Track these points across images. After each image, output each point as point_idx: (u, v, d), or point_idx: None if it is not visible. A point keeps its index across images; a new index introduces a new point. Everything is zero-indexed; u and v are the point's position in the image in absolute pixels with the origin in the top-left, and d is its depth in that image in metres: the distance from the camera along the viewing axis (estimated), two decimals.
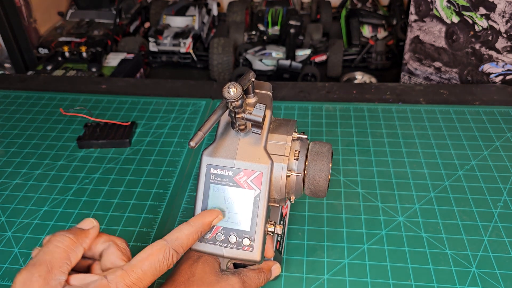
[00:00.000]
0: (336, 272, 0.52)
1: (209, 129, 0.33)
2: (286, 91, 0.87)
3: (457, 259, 0.53)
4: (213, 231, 0.38)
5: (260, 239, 0.38)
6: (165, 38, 1.65)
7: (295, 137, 0.40)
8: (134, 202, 0.63)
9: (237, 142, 0.38)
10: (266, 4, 1.88)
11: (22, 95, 0.88)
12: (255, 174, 0.38)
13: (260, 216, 0.38)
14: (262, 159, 0.38)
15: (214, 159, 0.38)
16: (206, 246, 0.39)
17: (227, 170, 0.38)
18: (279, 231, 0.40)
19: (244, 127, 0.37)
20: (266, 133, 0.39)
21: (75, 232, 0.35)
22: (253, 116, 0.35)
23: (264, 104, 0.35)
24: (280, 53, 1.58)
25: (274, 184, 0.39)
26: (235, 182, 0.38)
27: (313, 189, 0.40)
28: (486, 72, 1.06)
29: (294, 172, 0.39)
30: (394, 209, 0.60)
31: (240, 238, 0.38)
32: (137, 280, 0.33)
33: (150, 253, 0.34)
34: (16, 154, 0.73)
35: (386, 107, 0.80)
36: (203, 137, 0.32)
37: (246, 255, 0.38)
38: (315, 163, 0.40)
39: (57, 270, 0.32)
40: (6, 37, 1.36)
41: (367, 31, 1.70)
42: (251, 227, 0.38)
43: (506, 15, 0.97)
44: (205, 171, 0.38)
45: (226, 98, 0.32)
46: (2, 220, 0.61)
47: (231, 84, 0.32)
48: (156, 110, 0.82)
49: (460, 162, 0.67)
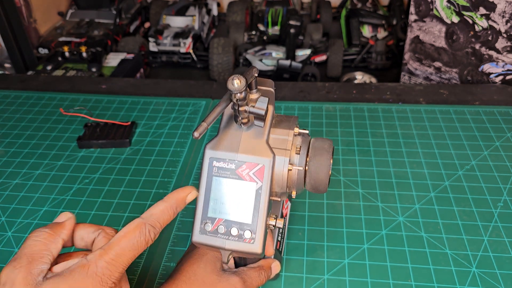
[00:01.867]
0: (336, 272, 0.52)
1: (213, 121, 0.33)
2: (286, 91, 0.87)
3: (457, 259, 0.53)
4: (215, 224, 0.39)
5: (261, 231, 0.38)
6: (165, 38, 1.65)
7: (297, 132, 0.41)
8: (134, 202, 0.63)
9: (239, 136, 0.39)
10: (266, 4, 1.88)
11: (22, 95, 0.88)
12: (257, 167, 0.38)
13: (262, 208, 0.38)
14: (264, 153, 0.38)
15: (217, 152, 0.39)
16: (207, 238, 0.39)
17: (230, 163, 0.38)
18: (280, 224, 0.40)
19: (246, 120, 0.38)
20: (268, 127, 0.39)
21: (51, 226, 0.36)
22: (256, 109, 0.35)
23: (267, 97, 0.36)
24: (280, 53, 1.58)
25: (276, 177, 0.39)
26: (237, 175, 0.38)
27: (314, 184, 0.41)
28: (486, 72, 1.06)
29: (296, 166, 0.40)
30: (394, 209, 0.60)
31: (242, 230, 0.38)
32: (115, 257, 0.34)
33: (127, 231, 0.35)
34: (16, 154, 0.73)
35: (386, 107, 0.80)
36: (207, 128, 0.33)
37: (248, 247, 0.38)
38: (317, 157, 0.40)
39: (37, 260, 0.33)
40: (6, 37, 1.36)
41: (367, 31, 1.70)
42: (253, 220, 0.38)
43: (506, 15, 0.97)
44: (208, 164, 0.39)
45: (230, 90, 0.33)
46: (2, 220, 0.61)
47: (235, 76, 0.33)
48: (156, 110, 0.82)
49: (460, 162, 0.67)
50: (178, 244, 0.57)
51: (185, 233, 0.58)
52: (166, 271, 0.53)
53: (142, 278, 0.52)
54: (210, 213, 0.39)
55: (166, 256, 0.55)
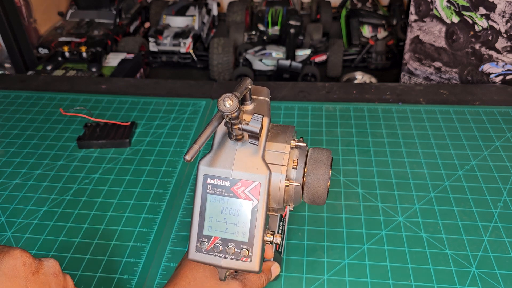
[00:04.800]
0: (336, 272, 0.52)
1: (204, 142, 0.32)
2: (286, 91, 0.87)
3: (457, 259, 0.53)
4: (211, 242, 0.38)
5: (258, 249, 0.38)
6: (165, 38, 1.65)
7: (294, 145, 0.40)
8: (134, 202, 0.63)
9: (234, 152, 0.38)
10: (266, 4, 1.88)
11: (22, 95, 0.88)
12: (252, 184, 0.37)
13: (258, 226, 0.37)
14: (260, 169, 0.37)
15: (211, 169, 0.38)
16: (204, 256, 0.38)
17: (224, 180, 0.37)
18: (278, 240, 0.39)
19: (241, 137, 0.37)
20: (263, 143, 0.38)
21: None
22: (250, 127, 0.34)
23: (261, 115, 0.34)
24: (280, 53, 1.58)
25: (273, 194, 0.39)
26: (232, 192, 0.37)
27: (312, 197, 0.40)
28: (486, 72, 1.06)
29: (293, 182, 0.39)
30: (394, 209, 0.60)
31: (238, 248, 0.38)
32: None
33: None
34: (16, 154, 0.73)
35: (386, 107, 0.80)
36: (198, 150, 0.32)
37: (245, 265, 0.38)
38: (314, 171, 0.39)
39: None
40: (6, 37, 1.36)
41: (367, 31, 1.70)
42: (249, 238, 0.37)
43: (506, 15, 0.97)
44: (202, 181, 0.38)
45: (222, 111, 0.32)
46: (2, 220, 0.61)
47: (227, 96, 0.31)
48: (156, 110, 0.82)
49: (460, 162, 0.67)
50: (178, 244, 0.56)
51: (185, 233, 0.58)
52: (166, 271, 0.53)
53: (142, 278, 0.52)
54: (206, 231, 0.38)
55: (166, 256, 0.55)
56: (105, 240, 0.57)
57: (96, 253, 0.56)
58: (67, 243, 0.57)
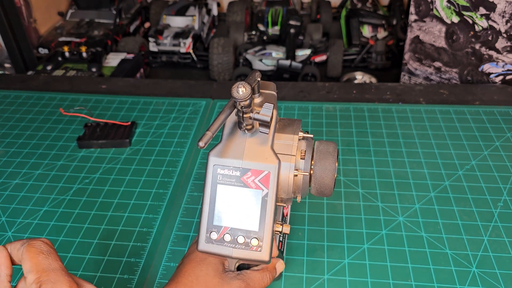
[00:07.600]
0: (336, 272, 0.52)
1: (217, 129, 0.33)
2: (286, 91, 0.87)
3: (457, 259, 0.53)
4: (221, 232, 0.38)
5: (268, 239, 0.38)
6: (165, 38, 1.65)
7: (301, 137, 0.41)
8: (134, 202, 0.63)
9: (244, 142, 0.38)
10: (266, 4, 1.88)
11: (22, 95, 0.88)
12: (262, 173, 0.38)
13: (269, 216, 0.38)
14: (270, 159, 0.38)
15: (221, 160, 0.38)
16: (214, 247, 0.38)
17: (234, 170, 0.38)
18: (287, 230, 0.40)
19: (251, 127, 0.37)
20: (273, 132, 0.39)
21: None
22: (261, 116, 0.35)
23: (271, 104, 0.35)
24: (280, 53, 1.58)
25: (282, 183, 0.39)
26: (242, 182, 0.38)
27: (319, 188, 0.41)
28: (486, 72, 1.06)
29: (301, 171, 0.40)
30: (394, 209, 0.60)
31: (249, 238, 0.38)
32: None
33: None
34: (16, 154, 0.73)
35: (386, 107, 0.80)
36: (212, 136, 0.32)
37: (255, 255, 0.38)
38: (321, 162, 0.40)
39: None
40: (6, 37, 1.36)
41: (367, 31, 1.70)
42: (260, 227, 0.38)
43: (506, 15, 0.97)
44: (212, 171, 0.38)
45: (235, 98, 0.32)
46: (2, 220, 0.61)
47: (240, 84, 0.32)
48: (156, 110, 0.82)
49: (460, 162, 0.67)
50: (178, 244, 0.57)
51: (185, 233, 0.58)
52: (166, 271, 0.53)
53: (142, 278, 0.52)
54: (216, 221, 0.38)
55: (167, 256, 0.55)
56: (105, 240, 0.57)
57: (97, 253, 0.56)
58: (68, 243, 0.57)
